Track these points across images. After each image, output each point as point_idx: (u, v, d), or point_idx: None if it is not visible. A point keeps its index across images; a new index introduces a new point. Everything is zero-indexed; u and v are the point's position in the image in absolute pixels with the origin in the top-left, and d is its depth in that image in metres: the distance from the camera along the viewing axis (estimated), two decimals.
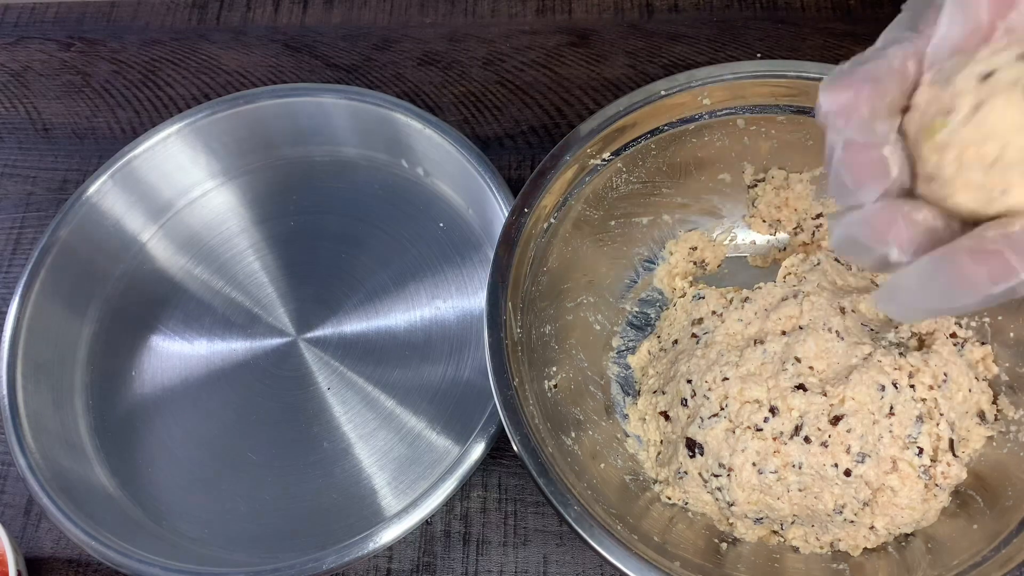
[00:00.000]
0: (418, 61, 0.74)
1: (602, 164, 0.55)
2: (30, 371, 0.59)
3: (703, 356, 0.52)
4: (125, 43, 0.78)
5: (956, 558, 0.46)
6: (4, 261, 0.69)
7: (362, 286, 0.64)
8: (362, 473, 0.58)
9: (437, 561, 0.56)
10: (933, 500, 0.48)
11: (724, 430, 0.49)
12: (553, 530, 0.56)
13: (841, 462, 0.47)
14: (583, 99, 0.71)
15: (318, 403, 0.60)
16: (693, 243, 0.60)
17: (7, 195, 0.71)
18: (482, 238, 0.64)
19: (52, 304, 0.61)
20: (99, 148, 0.73)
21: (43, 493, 0.54)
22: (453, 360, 0.60)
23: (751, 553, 0.50)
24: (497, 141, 0.70)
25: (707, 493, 0.50)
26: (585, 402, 0.55)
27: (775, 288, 0.55)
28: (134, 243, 0.67)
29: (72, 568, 0.57)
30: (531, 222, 0.52)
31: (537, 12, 0.76)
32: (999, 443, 0.50)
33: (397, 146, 0.66)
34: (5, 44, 0.79)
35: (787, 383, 0.49)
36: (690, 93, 0.55)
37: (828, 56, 0.71)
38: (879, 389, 0.48)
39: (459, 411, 0.59)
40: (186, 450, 0.59)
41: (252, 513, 0.57)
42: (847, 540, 0.49)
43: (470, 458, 0.52)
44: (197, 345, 0.63)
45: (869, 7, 0.74)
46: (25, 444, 0.55)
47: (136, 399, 0.62)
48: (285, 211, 0.68)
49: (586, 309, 0.57)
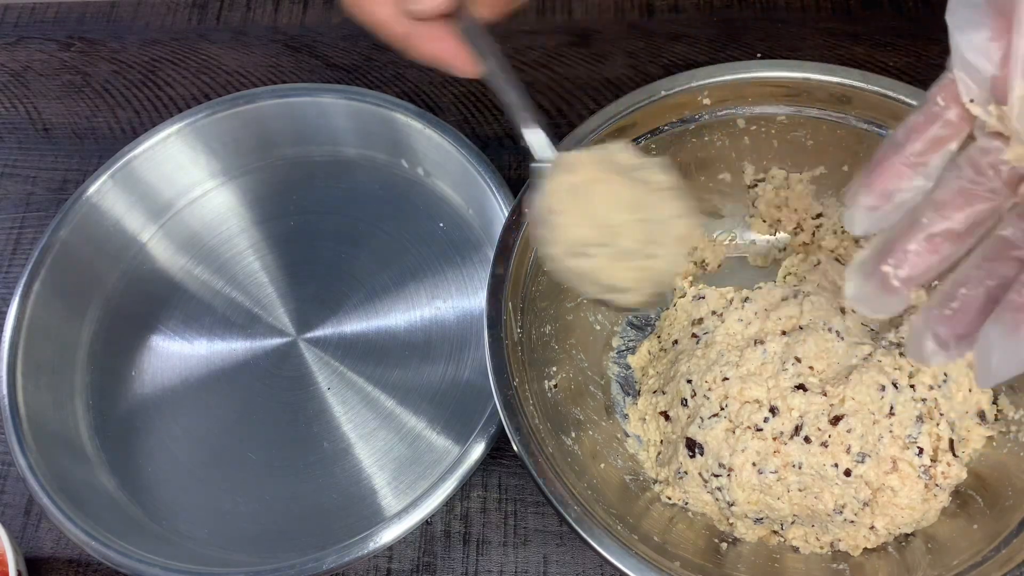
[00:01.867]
0: None
1: None
2: (30, 371, 0.59)
3: (703, 356, 0.52)
4: (125, 43, 0.78)
5: (956, 558, 0.46)
6: (4, 261, 0.69)
7: (362, 286, 0.64)
8: (362, 473, 0.58)
9: (437, 561, 0.56)
10: (933, 500, 0.48)
11: (724, 430, 0.49)
12: (553, 530, 0.56)
13: (841, 462, 0.47)
14: (583, 99, 0.71)
15: (318, 403, 0.60)
16: (693, 243, 0.60)
17: (7, 195, 0.71)
18: (482, 238, 0.64)
19: (52, 304, 0.61)
20: (99, 148, 0.73)
21: (43, 493, 0.54)
22: (453, 360, 0.60)
23: (751, 553, 0.50)
24: (497, 141, 0.70)
25: (707, 493, 0.50)
26: (585, 402, 0.55)
27: (775, 288, 0.55)
28: (134, 243, 0.67)
29: (72, 568, 0.57)
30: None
31: (537, 12, 0.76)
32: (999, 443, 0.50)
33: (397, 146, 0.66)
34: (5, 44, 0.79)
35: (787, 383, 0.49)
36: (690, 93, 0.55)
37: (828, 56, 0.71)
38: (879, 389, 0.48)
39: (459, 411, 0.59)
40: (186, 450, 0.59)
41: (252, 513, 0.57)
42: (847, 540, 0.49)
43: (470, 458, 0.52)
44: (197, 345, 0.63)
45: (869, 7, 0.74)
46: (25, 444, 0.55)
47: (136, 399, 0.62)
48: (285, 211, 0.68)
49: (586, 309, 0.57)
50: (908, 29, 0.72)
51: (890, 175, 0.30)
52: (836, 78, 0.52)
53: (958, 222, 0.29)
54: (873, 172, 0.31)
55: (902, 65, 0.70)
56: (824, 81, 0.52)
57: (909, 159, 0.30)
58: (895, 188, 0.30)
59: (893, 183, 0.30)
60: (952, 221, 0.29)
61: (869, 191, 0.30)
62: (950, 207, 0.29)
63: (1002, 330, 0.27)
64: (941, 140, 0.30)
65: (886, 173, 0.30)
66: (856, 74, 0.52)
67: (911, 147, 0.30)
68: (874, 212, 0.31)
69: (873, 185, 0.30)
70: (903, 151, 0.30)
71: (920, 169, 0.30)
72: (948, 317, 0.29)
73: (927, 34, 0.71)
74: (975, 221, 0.29)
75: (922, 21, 0.72)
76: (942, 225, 0.29)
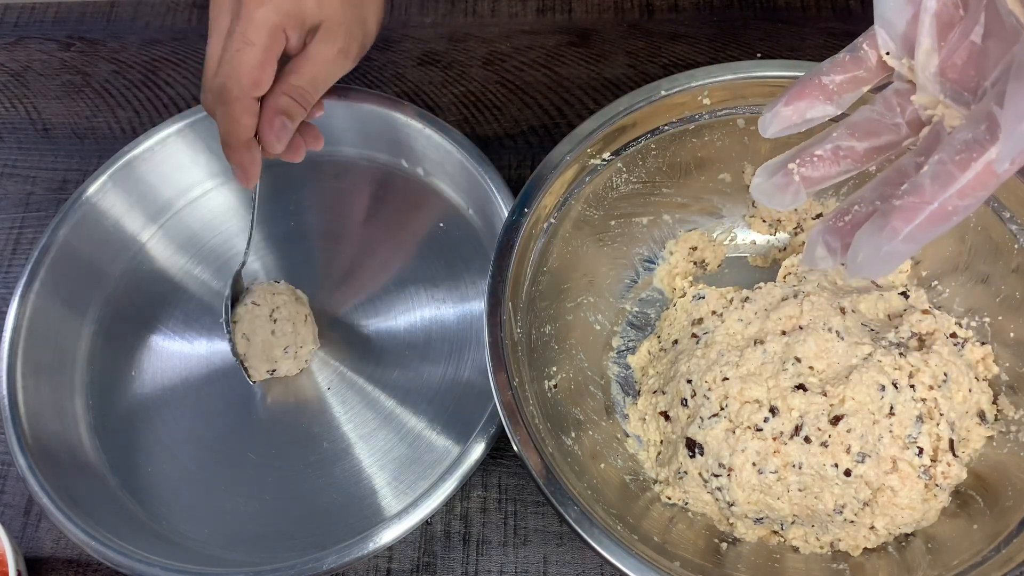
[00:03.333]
0: (418, 61, 0.74)
1: (602, 164, 0.55)
2: (30, 371, 0.59)
3: (703, 356, 0.52)
4: (125, 43, 0.78)
5: (956, 558, 0.46)
6: (4, 261, 0.69)
7: (362, 286, 0.64)
8: (362, 473, 0.58)
9: (437, 561, 0.56)
10: (933, 500, 0.48)
11: (724, 430, 0.49)
12: (553, 530, 0.56)
13: (841, 462, 0.47)
14: (583, 99, 0.71)
15: (318, 403, 0.60)
16: (693, 243, 0.60)
17: (7, 195, 0.71)
18: (482, 238, 0.64)
19: (52, 304, 0.61)
20: (99, 148, 0.73)
21: (43, 493, 0.54)
22: (453, 360, 0.60)
23: (751, 553, 0.50)
24: (497, 141, 0.70)
25: (707, 493, 0.50)
26: (585, 402, 0.55)
27: (775, 288, 0.55)
28: (134, 243, 0.67)
29: (72, 568, 0.57)
30: (531, 222, 0.52)
31: (537, 12, 0.76)
32: (999, 443, 0.50)
33: (397, 146, 0.66)
34: (5, 44, 0.79)
35: (787, 383, 0.49)
36: (690, 93, 0.55)
37: (828, 56, 0.71)
38: (879, 389, 0.48)
39: (459, 411, 0.59)
40: (186, 450, 0.59)
41: (252, 513, 0.57)
42: (847, 540, 0.49)
43: (470, 458, 0.52)
44: (197, 345, 0.63)
45: (869, 7, 0.74)
46: (25, 444, 0.55)
47: (136, 399, 0.62)
48: (285, 211, 0.68)
49: (586, 309, 0.57)
50: None
51: (809, 97, 0.36)
52: None
53: (862, 143, 0.35)
54: (795, 90, 0.36)
55: None
56: None
57: (827, 89, 0.36)
58: (809, 108, 0.36)
59: (808, 104, 0.36)
60: (857, 141, 0.35)
61: (786, 104, 0.36)
62: (859, 129, 0.35)
63: (871, 229, 0.31)
64: (858, 80, 0.36)
65: (807, 95, 0.36)
66: None
67: (831, 79, 0.36)
68: (785, 122, 0.36)
69: (791, 101, 0.36)
70: (823, 81, 0.36)
71: (835, 98, 0.36)
72: (839, 228, 0.34)
73: None
74: (876, 147, 0.35)
75: None
76: (848, 142, 0.35)
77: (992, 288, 0.52)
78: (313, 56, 0.54)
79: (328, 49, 0.54)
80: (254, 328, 0.60)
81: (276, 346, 0.59)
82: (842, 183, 0.48)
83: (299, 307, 0.61)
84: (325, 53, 0.54)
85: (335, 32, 0.54)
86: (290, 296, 0.61)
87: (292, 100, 0.53)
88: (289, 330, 0.59)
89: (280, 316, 0.59)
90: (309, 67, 0.54)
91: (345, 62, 0.55)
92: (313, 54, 0.54)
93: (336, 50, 0.54)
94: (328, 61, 0.54)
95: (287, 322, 0.59)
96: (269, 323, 0.59)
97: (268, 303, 0.60)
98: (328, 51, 0.54)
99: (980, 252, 0.53)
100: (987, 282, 0.52)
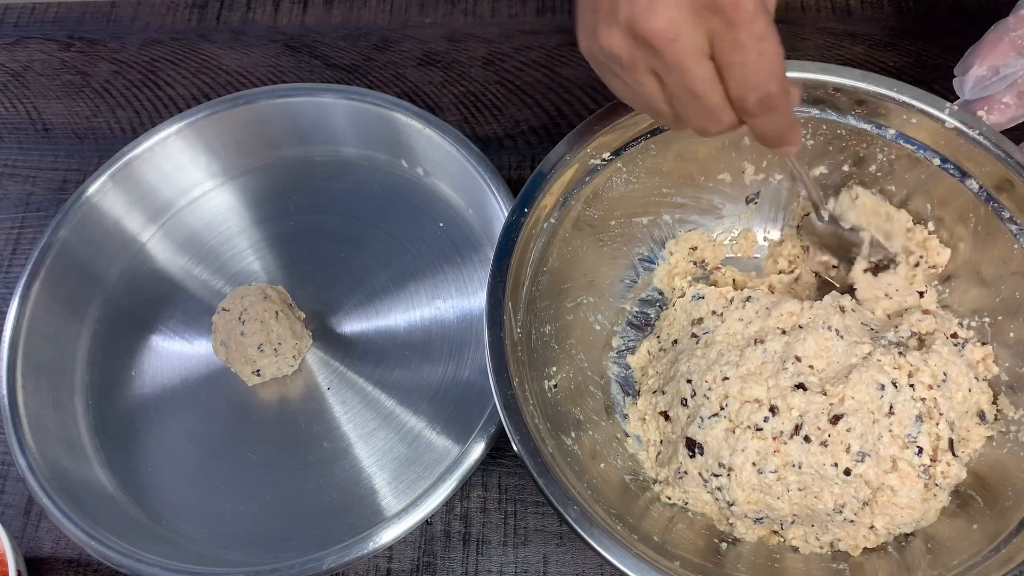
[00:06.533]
0: (418, 61, 0.74)
1: (602, 164, 0.55)
2: (30, 371, 0.59)
3: (703, 356, 0.52)
4: (125, 43, 0.78)
5: (956, 558, 0.46)
6: (4, 261, 0.69)
7: (362, 286, 0.64)
8: (362, 473, 0.58)
9: (437, 561, 0.56)
10: (933, 500, 0.48)
11: (724, 430, 0.49)
12: (553, 530, 0.56)
13: (841, 461, 0.47)
14: (583, 99, 0.71)
15: (318, 403, 0.60)
16: (693, 243, 0.60)
17: (7, 195, 0.71)
18: (482, 238, 0.64)
19: (52, 304, 0.61)
20: (99, 148, 0.73)
21: (43, 493, 0.54)
22: (453, 360, 0.60)
23: (751, 553, 0.50)
24: (497, 141, 0.70)
25: (707, 493, 0.50)
26: (585, 402, 0.55)
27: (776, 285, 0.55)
28: (134, 243, 0.67)
29: (72, 568, 0.57)
30: (531, 222, 0.52)
31: (537, 12, 0.76)
32: (999, 443, 0.50)
33: (397, 146, 0.66)
34: (5, 44, 0.79)
35: (787, 382, 0.49)
36: None
37: (828, 56, 0.71)
38: (879, 388, 0.48)
39: (459, 411, 0.59)
40: (186, 450, 0.59)
41: (252, 513, 0.57)
42: (847, 540, 0.49)
43: (470, 458, 0.52)
44: (197, 345, 0.63)
45: (869, 7, 0.74)
46: (25, 444, 0.55)
47: (136, 399, 0.62)
48: (285, 211, 0.68)
49: (586, 309, 0.57)
50: (908, 29, 0.72)
51: (999, 52, 0.36)
52: (836, 78, 0.52)
53: None
54: (984, 47, 0.36)
55: (902, 65, 0.70)
56: (824, 81, 0.52)
57: (1017, 43, 0.36)
58: (1001, 64, 0.36)
59: (1000, 59, 0.36)
60: None
61: (981, 62, 0.36)
62: None
63: None
64: None
65: (996, 50, 0.36)
66: (856, 74, 0.52)
67: (1020, 33, 0.36)
68: (981, 81, 0.37)
69: (984, 58, 0.36)
70: (1012, 34, 0.36)
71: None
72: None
73: (927, 34, 0.71)
74: None
75: (922, 21, 0.72)
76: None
77: (992, 289, 0.52)
78: None
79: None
80: (228, 333, 0.60)
81: (249, 346, 0.59)
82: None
83: (267, 304, 0.60)
84: None
85: None
86: (257, 295, 0.61)
87: None
88: (258, 328, 0.59)
89: (248, 316, 0.59)
90: None
91: None
92: None
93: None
94: None
95: (255, 321, 0.59)
96: (239, 325, 0.59)
97: (237, 306, 0.60)
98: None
99: (981, 253, 0.53)
100: (987, 283, 0.52)
